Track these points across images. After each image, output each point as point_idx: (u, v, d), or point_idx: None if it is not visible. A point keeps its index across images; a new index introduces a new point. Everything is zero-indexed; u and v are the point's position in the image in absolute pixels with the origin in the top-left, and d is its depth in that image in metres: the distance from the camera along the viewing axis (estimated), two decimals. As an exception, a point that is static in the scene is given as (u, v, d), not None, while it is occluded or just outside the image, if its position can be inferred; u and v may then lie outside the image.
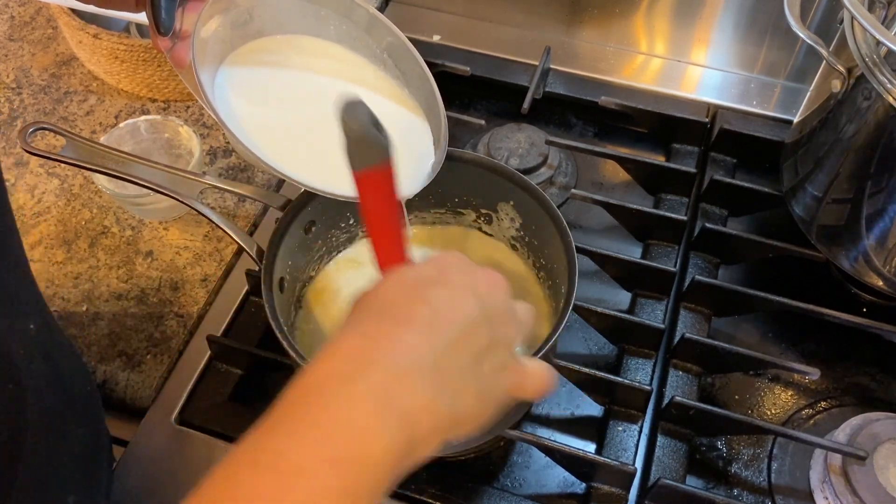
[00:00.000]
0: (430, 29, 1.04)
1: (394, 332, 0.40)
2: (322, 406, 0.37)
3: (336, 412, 0.36)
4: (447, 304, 0.42)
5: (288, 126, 0.62)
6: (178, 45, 0.57)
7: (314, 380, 0.38)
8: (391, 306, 0.42)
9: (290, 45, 0.64)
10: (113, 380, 0.75)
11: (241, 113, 0.59)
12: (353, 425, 0.36)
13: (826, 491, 0.67)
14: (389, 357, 0.39)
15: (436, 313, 0.41)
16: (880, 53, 0.64)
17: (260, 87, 0.62)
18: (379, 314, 0.41)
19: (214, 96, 0.58)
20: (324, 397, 0.37)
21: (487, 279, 0.45)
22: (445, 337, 0.40)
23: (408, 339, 0.40)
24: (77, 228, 0.85)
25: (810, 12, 0.96)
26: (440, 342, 0.40)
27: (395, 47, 0.65)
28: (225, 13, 0.59)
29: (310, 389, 0.38)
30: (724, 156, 0.92)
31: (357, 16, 0.64)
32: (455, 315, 0.41)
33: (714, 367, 0.76)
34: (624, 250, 0.83)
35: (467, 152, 0.72)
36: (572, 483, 0.70)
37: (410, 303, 0.41)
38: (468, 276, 0.44)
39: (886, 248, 0.70)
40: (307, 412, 0.37)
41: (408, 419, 0.38)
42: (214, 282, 0.81)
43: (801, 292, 0.77)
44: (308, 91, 0.63)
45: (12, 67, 1.00)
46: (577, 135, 0.97)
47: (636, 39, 1.05)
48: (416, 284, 0.43)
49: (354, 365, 0.38)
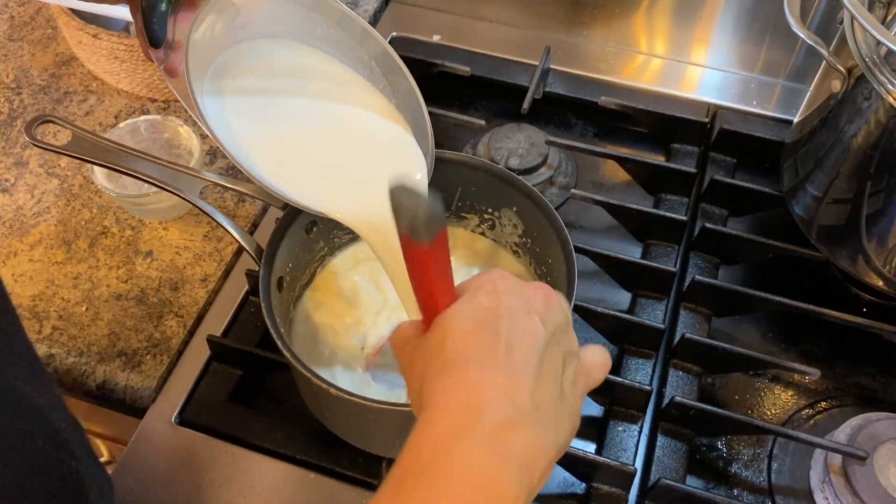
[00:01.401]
0: (430, 29, 1.04)
1: (487, 379, 0.40)
2: (448, 464, 0.37)
3: (464, 469, 0.37)
4: (518, 335, 0.42)
5: (277, 142, 0.61)
6: (171, 56, 0.57)
7: (426, 447, 0.39)
8: (464, 356, 0.41)
9: (279, 56, 0.63)
10: (113, 380, 0.75)
11: (232, 126, 0.59)
12: (483, 481, 0.37)
13: (826, 491, 0.67)
14: (496, 406, 0.39)
15: (512, 348, 0.41)
16: (880, 53, 0.64)
17: (250, 102, 0.61)
18: (463, 363, 0.41)
19: (205, 106, 0.58)
20: (450, 455, 0.38)
21: (537, 293, 0.45)
22: (530, 370, 0.41)
23: (502, 384, 0.40)
24: (77, 228, 0.85)
25: (810, 12, 0.96)
26: (528, 378, 0.40)
27: (384, 58, 0.64)
28: (215, 18, 0.59)
29: (434, 448, 0.38)
30: (724, 156, 0.92)
31: (347, 24, 0.63)
32: (529, 345, 0.41)
33: (714, 367, 0.76)
34: (624, 250, 0.83)
35: (471, 157, 0.72)
36: (572, 483, 0.70)
37: (487, 344, 0.41)
38: (521, 297, 0.44)
39: (886, 248, 0.70)
40: (437, 471, 0.37)
41: (526, 464, 0.39)
42: (214, 282, 0.81)
43: (801, 292, 0.77)
44: (297, 107, 0.63)
45: (12, 67, 1.00)
46: (577, 135, 0.97)
47: (636, 39, 1.05)
48: (482, 321, 0.42)
49: (467, 419, 0.39)
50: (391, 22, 1.05)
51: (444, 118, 0.90)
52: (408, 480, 0.38)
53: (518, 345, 0.41)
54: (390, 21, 1.06)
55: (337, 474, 0.69)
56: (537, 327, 0.42)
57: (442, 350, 0.42)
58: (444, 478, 0.37)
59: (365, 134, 0.64)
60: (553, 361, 0.42)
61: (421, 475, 0.38)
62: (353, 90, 0.64)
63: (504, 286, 0.44)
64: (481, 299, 0.43)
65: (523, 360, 0.41)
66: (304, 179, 0.60)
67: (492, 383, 0.40)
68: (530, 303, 0.43)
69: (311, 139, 0.62)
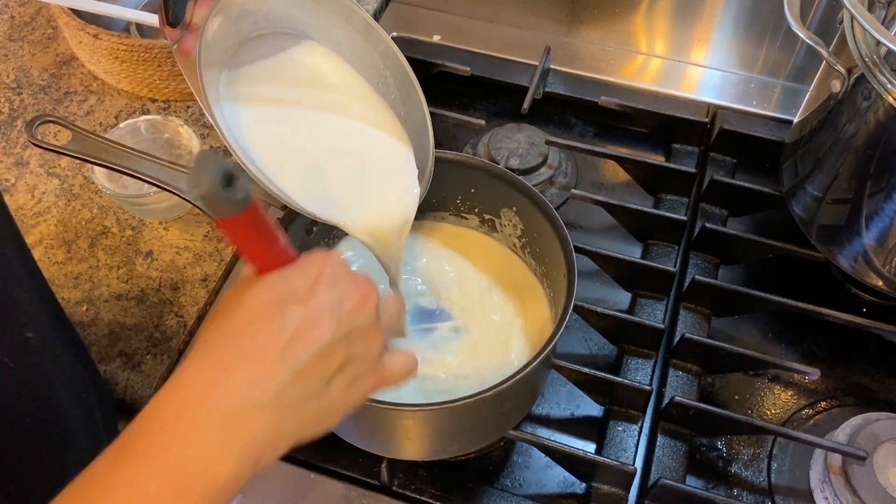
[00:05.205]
0: (430, 29, 1.04)
1: (238, 365, 0.41)
2: (169, 440, 0.39)
3: (182, 448, 0.39)
4: (304, 328, 0.42)
5: (283, 146, 0.62)
6: (186, 36, 0.57)
7: (162, 413, 0.40)
8: (244, 329, 0.42)
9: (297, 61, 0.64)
10: (113, 380, 0.75)
11: (241, 126, 0.60)
12: (198, 461, 0.39)
13: (826, 491, 0.67)
14: (230, 392, 0.40)
15: (290, 340, 0.42)
16: (880, 53, 0.64)
17: (261, 107, 0.62)
18: (229, 339, 0.42)
19: (217, 100, 0.58)
20: (171, 432, 0.39)
21: (355, 293, 0.45)
22: (294, 365, 0.41)
23: (251, 373, 0.41)
24: (77, 228, 0.85)
25: (810, 12, 0.96)
26: (287, 373, 0.41)
27: (392, 58, 0.65)
28: (229, 11, 0.59)
29: (159, 422, 0.40)
30: (724, 156, 0.92)
31: (369, 33, 0.64)
32: (310, 340, 0.42)
33: (714, 367, 0.76)
34: (624, 250, 0.83)
35: (471, 157, 0.72)
36: (572, 483, 0.70)
37: (265, 327, 0.42)
38: (335, 291, 0.44)
39: (886, 248, 0.70)
40: (156, 446, 0.39)
41: (251, 450, 0.40)
42: (214, 282, 0.81)
43: (801, 292, 0.77)
44: (307, 118, 0.64)
45: (12, 67, 1.00)
46: (577, 135, 0.97)
47: (636, 39, 1.05)
48: (278, 301, 0.43)
49: (198, 400, 0.40)
50: (391, 22, 1.05)
51: (444, 118, 0.90)
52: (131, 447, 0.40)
53: (299, 340, 0.42)
54: (390, 21, 1.06)
55: (337, 474, 0.69)
56: (327, 326, 0.43)
57: (229, 313, 0.43)
58: (162, 452, 0.39)
59: (368, 149, 0.65)
60: (328, 361, 0.43)
61: (142, 445, 0.39)
62: (363, 106, 0.66)
63: (328, 274, 0.44)
64: (296, 279, 0.44)
65: (294, 356, 0.41)
66: (305, 185, 0.60)
67: (240, 370, 0.41)
68: (340, 299, 0.44)
69: (317, 149, 0.63)
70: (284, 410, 0.41)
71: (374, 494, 0.68)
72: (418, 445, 0.65)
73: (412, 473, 0.68)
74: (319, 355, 0.42)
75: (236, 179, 0.38)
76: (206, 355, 0.42)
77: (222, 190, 0.38)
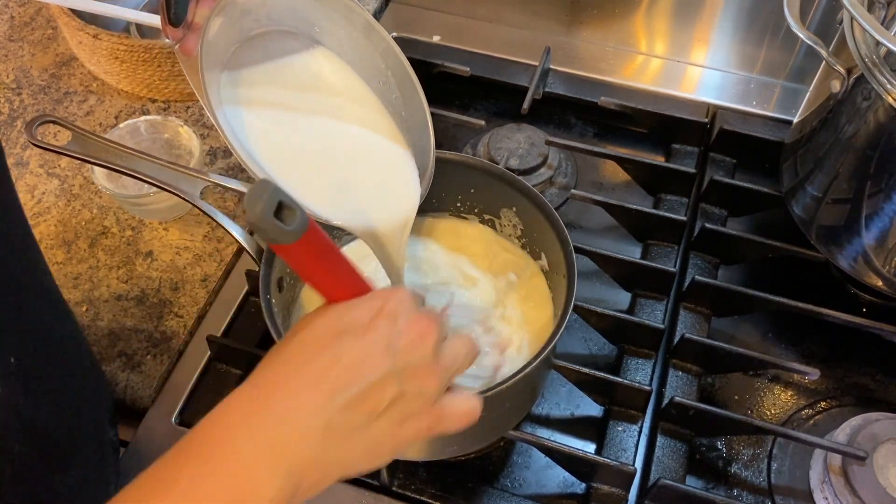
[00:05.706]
0: (430, 29, 1.04)
1: (290, 384, 0.42)
2: (220, 454, 0.41)
3: (232, 462, 0.40)
4: (356, 360, 0.43)
5: (284, 147, 0.62)
6: (188, 36, 0.57)
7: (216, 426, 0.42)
8: (300, 356, 0.44)
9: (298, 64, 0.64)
10: (113, 380, 0.75)
11: (244, 125, 0.60)
12: (246, 476, 0.40)
13: (826, 491, 0.67)
14: (280, 413, 0.41)
15: (343, 370, 0.42)
16: (880, 54, 0.64)
17: (263, 109, 0.62)
18: (286, 364, 0.44)
19: (219, 100, 0.58)
20: (221, 446, 0.41)
21: (413, 329, 0.45)
22: (344, 395, 0.42)
23: (302, 395, 0.42)
24: (77, 229, 0.85)
25: (810, 12, 0.96)
26: (337, 401, 0.42)
27: (393, 58, 0.65)
28: (231, 10, 0.59)
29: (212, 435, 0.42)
30: (724, 156, 0.92)
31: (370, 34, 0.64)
32: (360, 373, 0.43)
33: (714, 367, 0.76)
34: (624, 250, 0.83)
35: (471, 157, 0.72)
36: (572, 483, 0.70)
37: (319, 356, 0.43)
38: (394, 326, 0.44)
39: (886, 248, 0.70)
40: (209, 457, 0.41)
41: (295, 472, 0.41)
42: (214, 282, 0.81)
43: (801, 292, 0.77)
44: (308, 121, 0.64)
45: (12, 67, 1.00)
46: (577, 135, 0.97)
47: (636, 39, 1.05)
48: (336, 332, 0.44)
49: (259, 417, 0.41)
50: (391, 22, 1.05)
51: (444, 118, 0.90)
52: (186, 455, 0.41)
53: (350, 371, 0.42)
54: (390, 21, 1.06)
55: (337, 474, 0.69)
56: (380, 360, 0.43)
57: (291, 338, 0.45)
58: (212, 462, 0.40)
59: (368, 151, 0.65)
60: (379, 395, 0.43)
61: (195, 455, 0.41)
62: (364, 107, 0.66)
63: (389, 309, 0.45)
64: (357, 311, 0.45)
65: (344, 385, 0.42)
66: (306, 186, 0.61)
67: (291, 391, 0.42)
68: (398, 335, 0.44)
69: (318, 150, 0.63)
70: (331, 438, 0.42)
71: (373, 494, 0.68)
72: (418, 445, 0.65)
73: (412, 473, 0.68)
74: (370, 388, 0.42)
75: (289, 208, 0.38)
76: (262, 376, 0.44)
77: (273, 218, 0.37)
